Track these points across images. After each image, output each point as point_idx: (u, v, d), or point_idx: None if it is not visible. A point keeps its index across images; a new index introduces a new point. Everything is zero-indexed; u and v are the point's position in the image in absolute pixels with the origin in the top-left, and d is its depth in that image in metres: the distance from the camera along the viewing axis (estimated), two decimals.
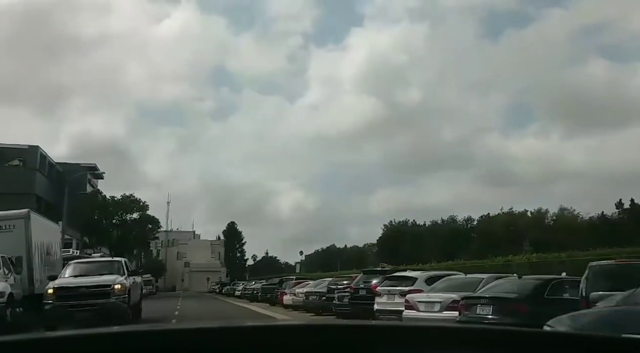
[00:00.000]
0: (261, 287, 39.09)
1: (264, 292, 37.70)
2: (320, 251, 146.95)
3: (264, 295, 37.43)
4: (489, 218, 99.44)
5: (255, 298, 41.77)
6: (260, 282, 46.64)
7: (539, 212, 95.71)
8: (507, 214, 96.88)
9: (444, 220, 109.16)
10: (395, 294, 15.98)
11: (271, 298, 35.25)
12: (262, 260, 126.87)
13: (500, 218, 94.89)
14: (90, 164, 67.67)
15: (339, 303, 20.65)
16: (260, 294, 38.35)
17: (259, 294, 39.97)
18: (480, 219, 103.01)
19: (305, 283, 30.55)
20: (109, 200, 59.22)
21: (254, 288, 43.31)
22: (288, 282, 32.98)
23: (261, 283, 43.66)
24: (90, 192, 58.79)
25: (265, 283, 40.27)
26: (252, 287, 45.06)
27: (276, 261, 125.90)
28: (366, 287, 18.83)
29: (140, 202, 59.19)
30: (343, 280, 24.33)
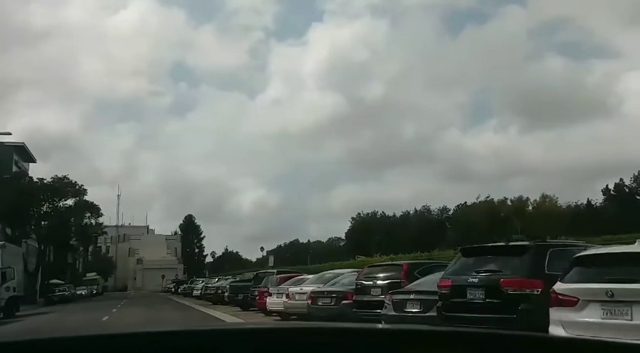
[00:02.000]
0: (229, 285, 28.11)
1: (233, 291, 26.89)
2: (283, 246, 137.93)
3: (233, 296, 26.68)
4: (466, 207, 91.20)
5: (220, 299, 31.05)
6: (226, 279, 35.89)
7: (520, 200, 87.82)
8: (486, 202, 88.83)
9: (417, 210, 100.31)
10: None
11: (245, 300, 24.62)
12: (223, 256, 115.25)
13: (479, 206, 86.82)
14: (18, 143, 55.39)
15: (414, 315, 10.29)
16: (228, 294, 27.49)
17: (225, 294, 29.23)
18: (456, 209, 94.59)
19: (298, 278, 20.17)
20: (37, 183, 47.35)
21: (218, 287, 32.52)
22: (270, 278, 22.48)
23: (227, 281, 32.96)
24: (13, 173, 46.89)
25: (235, 280, 29.36)
26: (216, 285, 34.24)
27: (238, 257, 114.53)
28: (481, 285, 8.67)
29: (77, 185, 47.56)
30: (377, 272, 14.00)
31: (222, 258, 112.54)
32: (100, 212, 50.05)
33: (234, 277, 36.20)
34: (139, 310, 32.39)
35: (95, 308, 34.72)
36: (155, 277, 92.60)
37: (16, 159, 54.53)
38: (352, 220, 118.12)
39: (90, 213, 49.08)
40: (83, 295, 59.40)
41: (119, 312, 29.61)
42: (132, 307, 36.23)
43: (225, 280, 34.83)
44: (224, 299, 29.76)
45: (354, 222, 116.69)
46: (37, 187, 46.93)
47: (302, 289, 16.84)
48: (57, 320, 25.77)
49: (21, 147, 55.20)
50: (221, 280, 35.78)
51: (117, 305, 36.25)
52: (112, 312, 28.34)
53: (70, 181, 47.61)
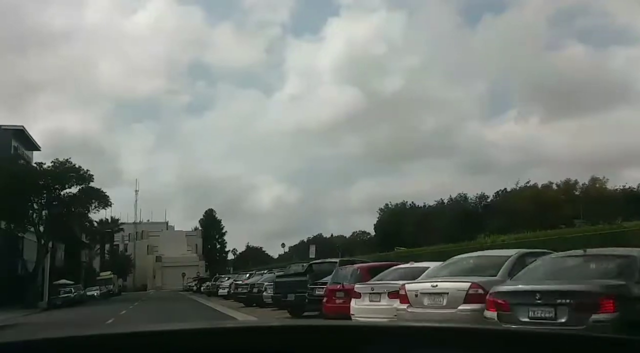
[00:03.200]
0: (275, 282, 19.76)
1: (280, 290, 18.75)
2: (306, 241, 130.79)
3: (280, 296, 18.67)
4: (506, 193, 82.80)
5: (256, 300, 23.25)
6: (261, 273, 28.11)
7: (567, 183, 79.19)
8: (528, 188, 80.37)
9: (452, 198, 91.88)
10: None
11: (299, 302, 16.74)
12: (246, 251, 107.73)
13: (521, 192, 78.44)
14: (16, 127, 48.05)
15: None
16: (273, 294, 19.34)
17: (264, 294, 21.38)
18: (496, 195, 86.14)
19: (400, 269, 12.38)
20: (37, 168, 39.94)
21: (253, 285, 24.60)
22: (341, 270, 14.67)
23: (262, 276, 25.16)
24: (4, 157, 39.46)
25: (282, 275, 21.00)
26: (249, 282, 26.35)
27: (262, 252, 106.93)
28: None
29: (81, 170, 40.05)
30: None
31: (245, 255, 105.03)
32: (109, 201, 42.54)
33: (269, 271, 28.46)
34: (155, 313, 24.74)
35: (96, 313, 27.38)
36: (176, 275, 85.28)
37: (15, 144, 47.15)
38: (380, 211, 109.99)
39: (97, 202, 41.51)
40: (95, 297, 52.10)
41: (123, 319, 21.95)
42: (141, 312, 28.64)
43: (259, 275, 27.00)
44: (261, 300, 21.94)
45: (382, 214, 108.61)
46: (35, 173, 39.47)
47: (436, 286, 8.89)
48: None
49: (20, 131, 47.84)
50: (254, 275, 27.96)
51: (122, 311, 28.69)
52: (107, 322, 20.62)
53: (74, 165, 40.05)
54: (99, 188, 41.47)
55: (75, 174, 40.32)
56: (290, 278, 18.50)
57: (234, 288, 28.80)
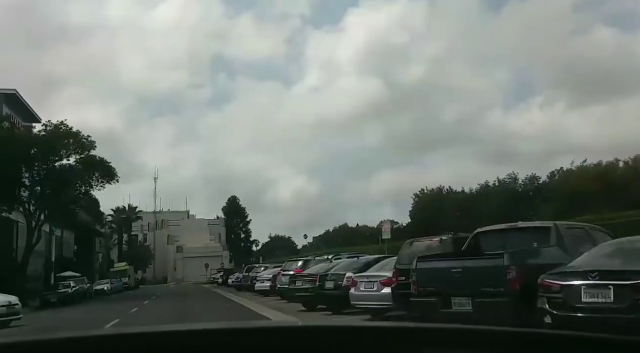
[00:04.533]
0: (421, 269, 10.01)
1: (426, 282, 9.53)
2: (332, 231, 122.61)
3: (436, 297, 9.39)
4: (563, 173, 73.08)
5: (332, 301, 14.19)
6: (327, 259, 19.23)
7: (637, 160, 69.11)
8: (584, 168, 70.57)
9: (500, 180, 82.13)
10: None
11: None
12: (271, 241, 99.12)
13: (581, 172, 68.76)
14: (7, 90, 39.61)
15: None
16: (429, 294, 9.95)
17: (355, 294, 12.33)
18: (550, 176, 76.45)
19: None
20: (26, 134, 31.28)
21: (326, 276, 15.45)
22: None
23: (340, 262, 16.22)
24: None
25: (428, 257, 11.37)
26: (314, 272, 17.24)
27: (289, 241, 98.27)
28: None
29: (80, 135, 31.35)
30: None
31: (272, 244, 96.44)
32: (114, 174, 33.68)
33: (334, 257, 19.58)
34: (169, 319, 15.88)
35: (94, 313, 19.29)
36: (198, 266, 76.94)
37: (7, 112, 38.61)
38: (414, 197, 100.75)
39: (99, 174, 32.76)
40: (105, 292, 43.70)
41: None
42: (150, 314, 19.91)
43: (323, 262, 18.01)
44: (341, 301, 12.93)
45: (417, 200, 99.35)
46: (23, 140, 30.90)
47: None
48: None
49: (12, 95, 39.37)
50: (320, 262, 19.00)
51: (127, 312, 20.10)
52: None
53: (70, 129, 31.35)
54: (102, 158, 32.76)
55: (73, 140, 31.62)
56: (455, 262, 9.11)
57: (285, 282, 19.78)
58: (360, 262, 14.97)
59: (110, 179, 33.48)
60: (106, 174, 33.21)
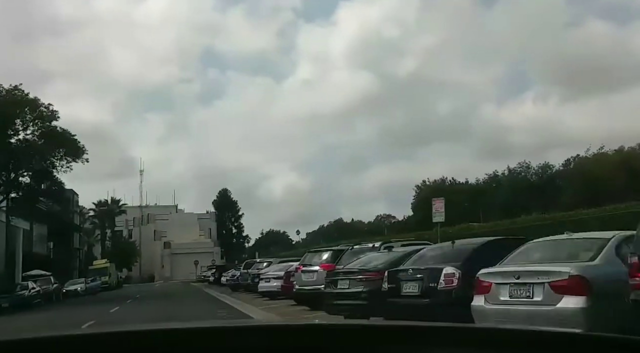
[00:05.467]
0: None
1: None
2: (326, 226, 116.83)
3: None
4: (579, 159, 67.52)
5: (440, 315, 7.92)
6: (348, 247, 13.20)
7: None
8: (601, 154, 65.05)
9: (511, 169, 76.36)
10: None
11: None
12: (267, 236, 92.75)
13: (599, 159, 63.22)
14: None
15: None
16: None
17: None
18: (565, 164, 70.81)
19: None
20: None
21: (409, 273, 9.22)
22: None
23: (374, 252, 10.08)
24: None
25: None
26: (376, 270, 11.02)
27: (284, 237, 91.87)
28: None
29: (39, 103, 24.79)
30: None
31: (265, 239, 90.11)
32: (83, 152, 27.13)
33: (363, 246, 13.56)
34: None
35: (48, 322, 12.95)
36: (187, 263, 70.40)
37: None
38: (416, 189, 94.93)
39: (64, 152, 26.27)
40: (79, 292, 37.27)
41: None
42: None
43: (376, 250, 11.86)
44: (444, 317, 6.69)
45: (419, 192, 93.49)
46: None
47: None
48: None
49: None
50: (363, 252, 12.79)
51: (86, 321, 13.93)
52: None
53: (26, 95, 24.86)
54: (65, 130, 26.26)
55: (30, 109, 25.11)
56: None
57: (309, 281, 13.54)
58: (450, 249, 8.90)
59: (77, 157, 26.96)
60: (72, 150, 26.71)
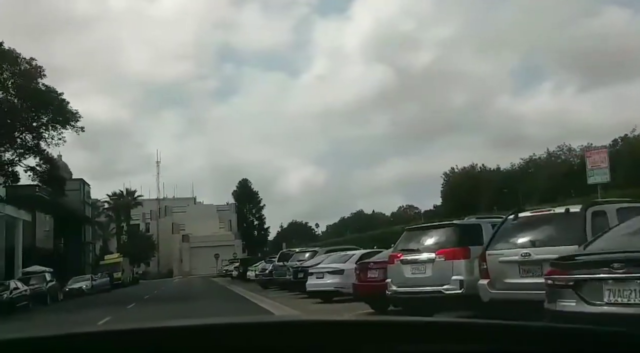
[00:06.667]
0: None
1: None
2: (345, 218, 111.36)
3: None
4: (627, 139, 60.89)
5: None
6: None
7: None
8: None
9: (550, 152, 69.74)
10: None
11: None
12: (289, 227, 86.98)
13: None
14: None
15: None
16: None
17: None
18: (612, 143, 64.06)
19: None
20: None
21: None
22: None
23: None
24: None
25: None
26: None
27: (307, 228, 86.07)
28: None
29: (19, 57, 19.07)
30: None
31: (287, 231, 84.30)
32: (75, 118, 21.08)
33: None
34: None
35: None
36: (207, 257, 64.84)
37: None
38: (445, 177, 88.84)
39: (50, 115, 20.37)
40: (84, 290, 31.67)
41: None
42: None
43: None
44: None
45: (447, 180, 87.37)
46: None
47: None
48: None
49: None
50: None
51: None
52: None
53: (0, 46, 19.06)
54: (49, 88, 20.40)
55: (9, 64, 19.31)
56: None
57: (421, 280, 7.57)
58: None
59: (65, 123, 21.07)
60: (58, 113, 20.83)
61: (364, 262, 11.05)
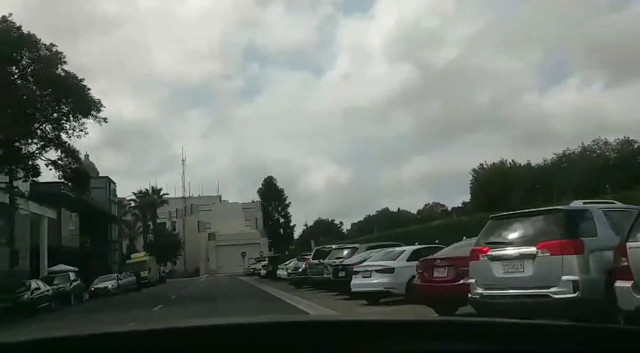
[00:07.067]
0: None
1: None
2: (371, 216, 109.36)
3: None
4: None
5: None
6: None
7: None
8: None
9: (585, 146, 66.78)
10: None
11: None
12: (315, 226, 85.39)
13: None
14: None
15: None
16: None
17: None
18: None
19: None
20: None
21: None
22: None
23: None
24: None
25: None
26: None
27: (334, 226, 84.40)
28: None
29: (38, 42, 17.65)
30: None
31: (315, 229, 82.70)
32: (96, 107, 19.59)
33: None
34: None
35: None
36: (234, 255, 63.65)
37: None
38: (473, 173, 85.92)
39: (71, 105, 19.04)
40: (109, 290, 30.51)
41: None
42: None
43: None
44: None
45: (476, 176, 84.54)
46: None
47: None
48: None
49: None
50: None
51: None
52: None
53: (18, 30, 17.80)
54: (69, 73, 18.99)
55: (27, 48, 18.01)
56: None
57: (520, 281, 5.73)
58: None
59: (87, 113, 19.66)
60: (80, 103, 19.42)
61: (428, 259, 9.35)
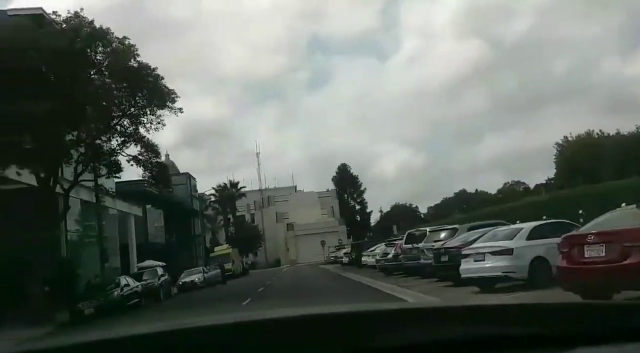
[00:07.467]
0: None
1: None
2: (447, 199, 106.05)
3: None
4: None
5: None
6: None
7: None
8: None
9: None
10: None
11: None
12: (392, 210, 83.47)
13: None
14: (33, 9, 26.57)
15: None
16: None
17: None
18: None
19: None
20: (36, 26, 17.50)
21: None
22: None
23: None
24: None
25: None
26: None
27: (412, 210, 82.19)
28: None
29: (112, 36, 17.10)
30: None
31: (393, 214, 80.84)
32: (171, 97, 19.02)
33: None
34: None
35: None
36: (313, 244, 63.12)
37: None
38: (557, 147, 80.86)
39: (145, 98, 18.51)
40: (196, 284, 30.35)
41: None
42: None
43: None
44: None
45: (561, 150, 79.43)
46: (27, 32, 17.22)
47: None
48: None
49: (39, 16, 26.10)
50: None
51: None
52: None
53: (91, 24, 17.41)
54: (145, 65, 18.39)
55: (103, 44, 17.58)
56: None
57: None
58: None
59: (162, 104, 19.10)
60: (155, 96, 18.87)
61: (574, 235, 7.64)
